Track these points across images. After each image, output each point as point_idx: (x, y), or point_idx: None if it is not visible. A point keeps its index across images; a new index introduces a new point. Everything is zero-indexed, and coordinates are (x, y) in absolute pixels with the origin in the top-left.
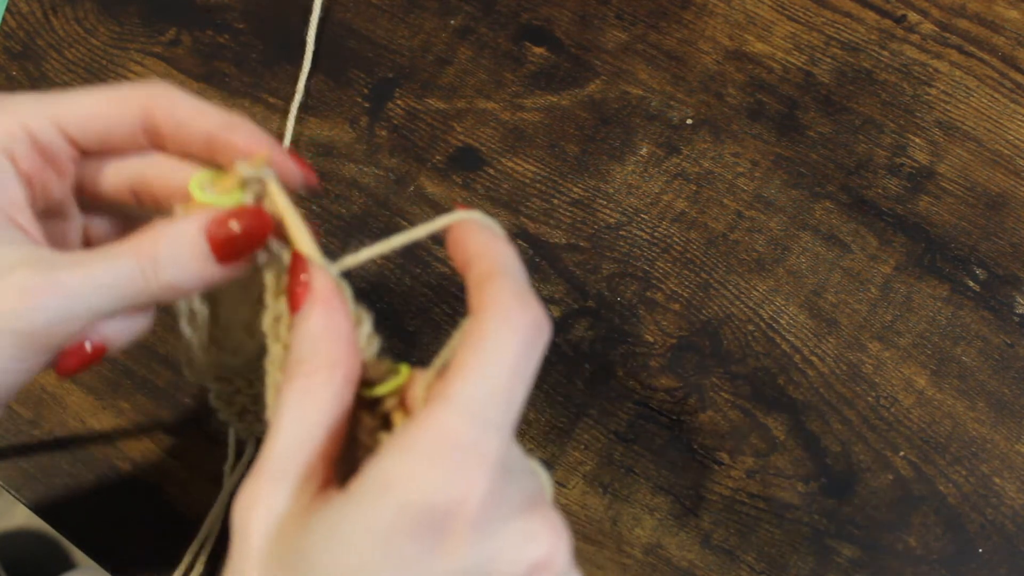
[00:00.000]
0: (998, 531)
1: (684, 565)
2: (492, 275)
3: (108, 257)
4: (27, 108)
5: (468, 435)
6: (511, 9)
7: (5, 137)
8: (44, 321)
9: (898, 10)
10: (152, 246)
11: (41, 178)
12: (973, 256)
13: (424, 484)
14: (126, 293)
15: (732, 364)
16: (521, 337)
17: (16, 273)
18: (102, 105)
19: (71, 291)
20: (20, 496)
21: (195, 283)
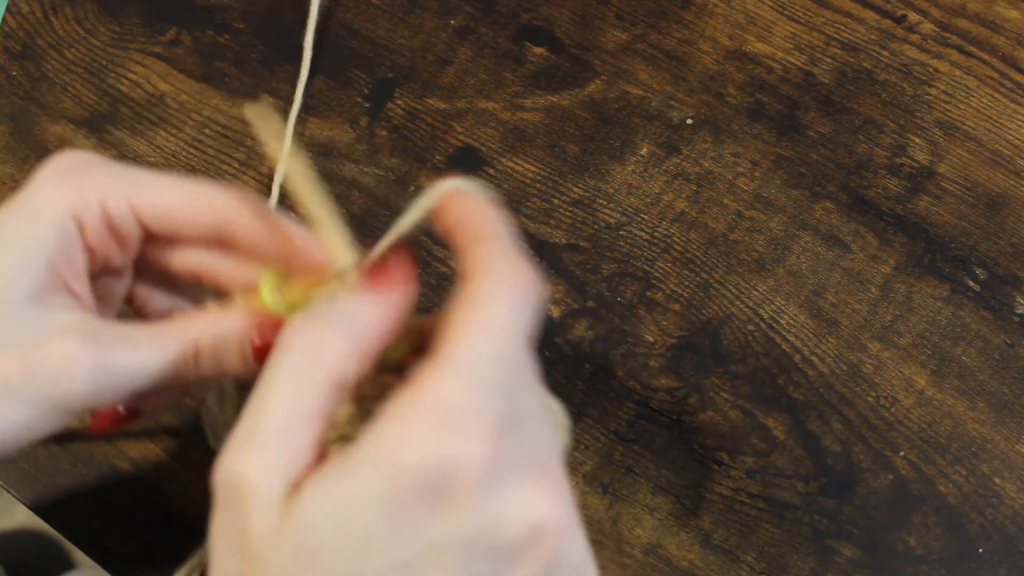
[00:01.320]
0: (998, 531)
1: (684, 565)
2: (479, 238)
3: (154, 340)
4: (107, 183)
5: (466, 396)
6: (511, 9)
7: (80, 206)
8: (79, 390)
9: (898, 10)
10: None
11: (104, 251)
12: (973, 256)
13: (423, 448)
14: (162, 376)
15: (732, 364)
16: (514, 296)
17: (65, 340)
18: (183, 200)
19: (113, 368)
20: (20, 496)
21: (231, 377)
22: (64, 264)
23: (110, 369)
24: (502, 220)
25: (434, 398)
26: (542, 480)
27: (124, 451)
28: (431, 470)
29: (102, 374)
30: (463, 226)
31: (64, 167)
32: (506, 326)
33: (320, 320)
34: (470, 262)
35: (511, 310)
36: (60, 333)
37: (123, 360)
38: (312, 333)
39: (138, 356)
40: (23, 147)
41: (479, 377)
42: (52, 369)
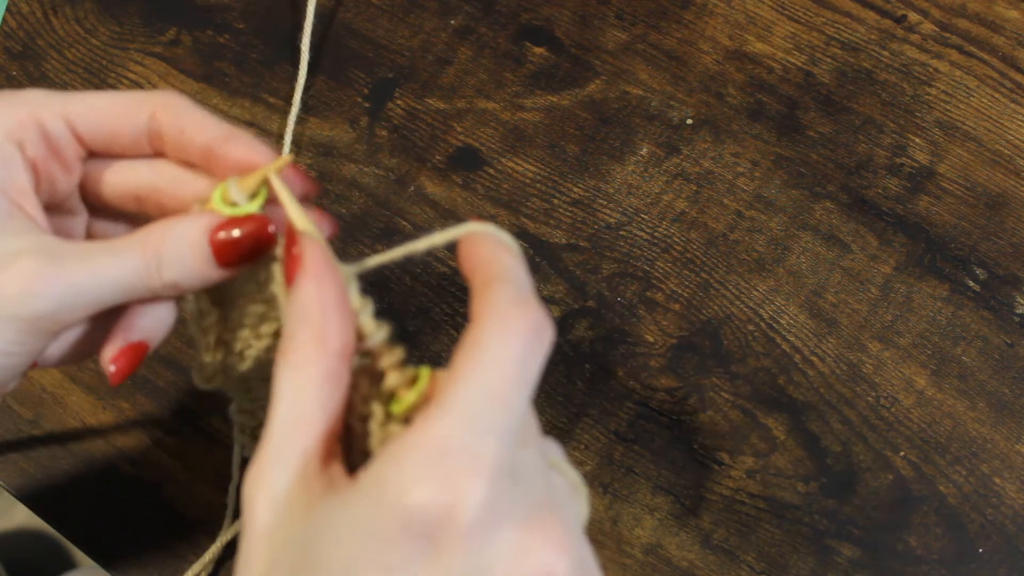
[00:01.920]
0: (998, 531)
1: (684, 565)
2: (492, 281)
3: (113, 251)
4: (39, 101)
5: (463, 441)
6: (511, 9)
7: (15, 126)
8: (47, 309)
9: (898, 10)
10: (157, 244)
11: (47, 170)
12: (973, 256)
13: (417, 490)
14: (129, 287)
15: (732, 364)
16: (519, 341)
17: (22, 260)
18: (112, 106)
19: (76, 282)
20: (20, 496)
21: (195, 283)
22: (11, 186)
23: (73, 283)
24: (521, 266)
25: (430, 440)
26: (539, 532)
27: (124, 451)
28: (425, 514)
29: (66, 289)
30: (480, 268)
31: None
32: (508, 370)
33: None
34: (479, 303)
35: (515, 356)
36: (18, 255)
37: (85, 273)
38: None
39: (99, 268)
40: None
41: (477, 422)
42: (15, 291)
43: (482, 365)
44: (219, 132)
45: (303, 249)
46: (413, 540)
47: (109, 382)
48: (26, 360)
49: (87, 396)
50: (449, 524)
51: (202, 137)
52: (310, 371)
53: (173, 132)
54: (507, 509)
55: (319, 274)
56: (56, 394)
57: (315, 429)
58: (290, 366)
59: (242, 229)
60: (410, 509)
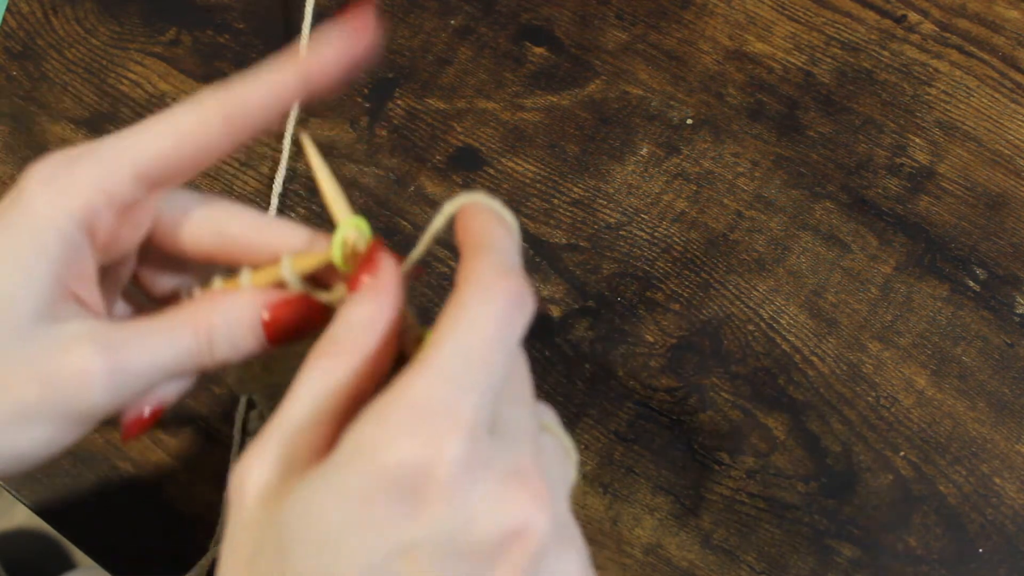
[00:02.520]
0: (998, 531)
1: (684, 565)
2: (478, 249)
3: (167, 333)
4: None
5: (441, 398)
6: (511, 9)
7: (86, 209)
8: (99, 402)
9: (898, 10)
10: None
11: (117, 237)
12: (973, 256)
13: (395, 447)
14: (179, 368)
15: (732, 364)
16: (498, 305)
17: (78, 351)
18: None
19: (129, 370)
20: (20, 496)
21: (242, 357)
22: (70, 275)
23: (126, 372)
24: (508, 235)
25: (409, 400)
26: (520, 485)
27: (124, 451)
28: (403, 470)
29: (119, 379)
30: (468, 238)
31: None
32: (487, 331)
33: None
34: (462, 272)
35: (493, 316)
36: (72, 345)
37: (138, 360)
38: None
39: (152, 352)
40: (23, 147)
41: (454, 380)
42: (69, 384)
43: (461, 326)
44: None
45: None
46: (393, 498)
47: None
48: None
49: None
50: (429, 479)
51: None
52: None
53: None
54: (487, 463)
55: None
56: None
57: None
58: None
59: (297, 312)
60: (387, 467)
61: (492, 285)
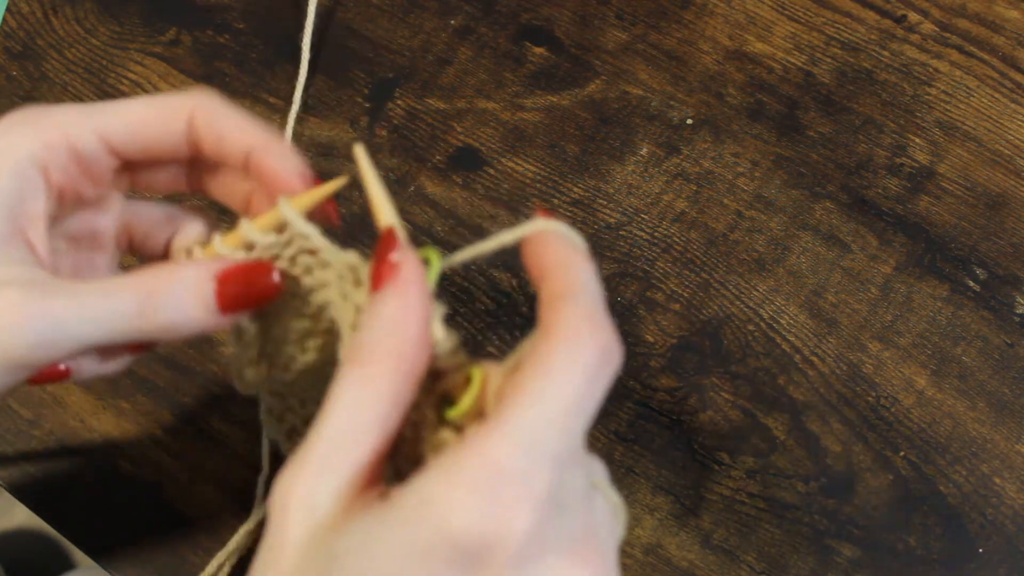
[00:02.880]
0: (998, 531)
1: (684, 565)
2: (565, 294)
3: (106, 290)
4: (70, 119)
5: (517, 466)
6: (511, 9)
7: (43, 149)
8: (25, 345)
9: (898, 10)
10: (154, 287)
11: (75, 188)
12: (973, 256)
13: (465, 511)
14: (118, 328)
15: (732, 364)
16: (587, 365)
17: (6, 293)
18: (147, 115)
19: (59, 319)
20: (20, 496)
21: (192, 329)
22: (20, 212)
23: (55, 320)
24: (593, 276)
25: (484, 461)
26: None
27: (125, 451)
28: (470, 537)
29: (48, 326)
30: (552, 275)
31: (21, 117)
32: (573, 397)
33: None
34: (551, 317)
35: (582, 380)
36: (5, 285)
37: (71, 311)
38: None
39: (85, 304)
40: None
41: (535, 446)
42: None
43: (547, 388)
44: (256, 140)
45: (403, 262)
46: (454, 562)
47: None
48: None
49: (87, 396)
50: (494, 550)
51: (240, 144)
52: (380, 387)
53: (211, 139)
54: (552, 538)
55: (411, 290)
56: (56, 394)
57: (370, 448)
58: (359, 377)
59: (248, 278)
60: (455, 530)
61: (583, 341)
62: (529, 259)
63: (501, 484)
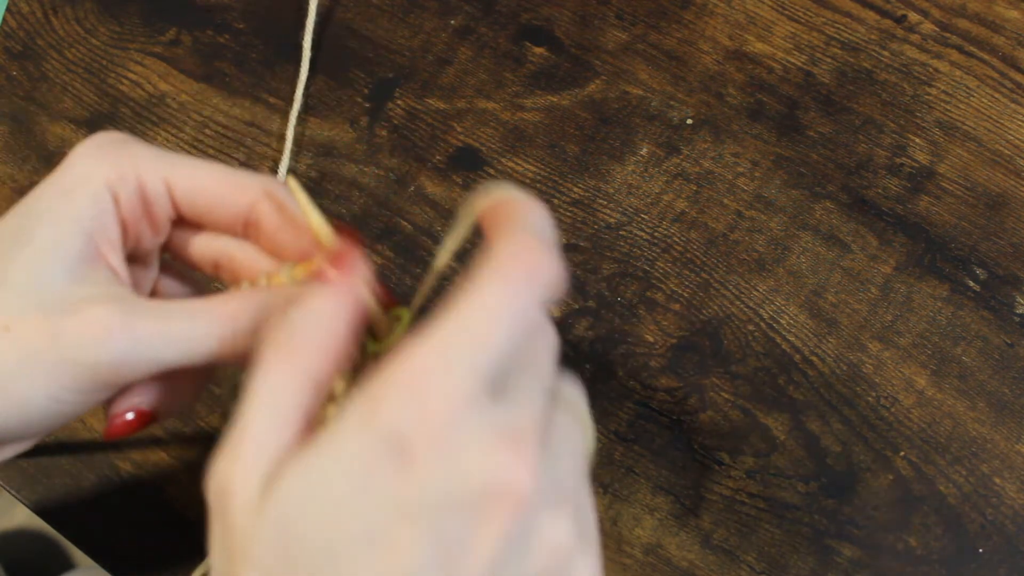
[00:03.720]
0: (998, 531)
1: (684, 565)
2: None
3: (188, 313)
4: (144, 156)
5: (435, 368)
6: (511, 9)
7: (117, 178)
8: (110, 360)
9: (898, 10)
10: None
11: (136, 228)
12: (973, 256)
13: (386, 412)
14: (198, 352)
15: (732, 364)
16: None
17: (97, 308)
18: (215, 184)
19: (145, 337)
20: (20, 496)
21: None
22: (101, 237)
23: (140, 338)
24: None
25: (405, 368)
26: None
27: (125, 452)
28: (396, 432)
29: (132, 343)
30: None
31: (103, 141)
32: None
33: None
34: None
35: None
36: (92, 301)
37: (154, 330)
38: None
39: (171, 327)
40: (23, 147)
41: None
42: (81, 335)
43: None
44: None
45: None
46: (387, 461)
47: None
48: (74, 412)
49: None
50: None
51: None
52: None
53: (271, 229)
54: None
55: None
56: None
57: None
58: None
59: None
60: (381, 431)
61: (504, 258)
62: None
63: (417, 381)
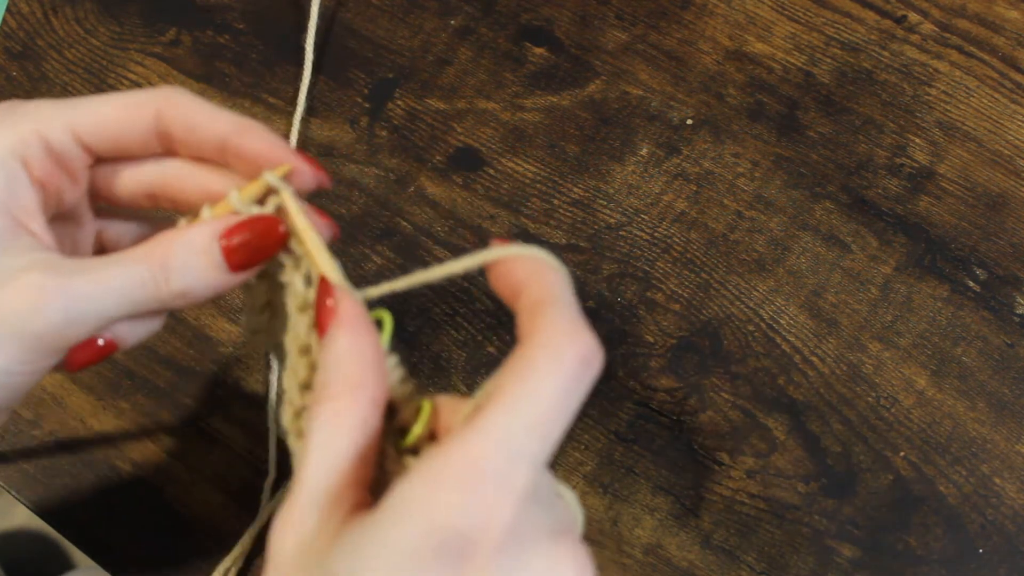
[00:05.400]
0: (998, 531)
1: (684, 565)
2: (543, 303)
3: (120, 263)
4: (42, 114)
5: (498, 465)
6: (511, 9)
7: (19, 143)
8: (53, 324)
9: (898, 10)
10: (164, 253)
11: (55, 184)
12: (973, 256)
13: (449, 509)
14: (137, 299)
15: (732, 364)
16: (568, 369)
17: (27, 276)
18: (116, 110)
19: (81, 295)
20: (20, 496)
21: (206, 291)
22: (15, 206)
23: (79, 297)
24: (568, 285)
25: (465, 461)
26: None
27: (125, 452)
28: (454, 531)
29: (72, 303)
30: (527, 288)
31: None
32: (553, 401)
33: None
34: (530, 326)
35: (562, 385)
36: (22, 271)
37: (91, 286)
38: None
39: (105, 280)
40: None
41: (514, 448)
42: (21, 306)
43: (528, 391)
44: (231, 125)
45: (339, 302)
46: (442, 559)
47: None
48: (31, 380)
49: (87, 396)
50: (481, 542)
51: (214, 132)
52: (346, 420)
53: (182, 130)
54: (532, 529)
55: (355, 325)
56: (56, 394)
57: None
58: (326, 414)
59: (253, 231)
60: (439, 526)
61: (563, 346)
62: (499, 281)
63: (482, 481)
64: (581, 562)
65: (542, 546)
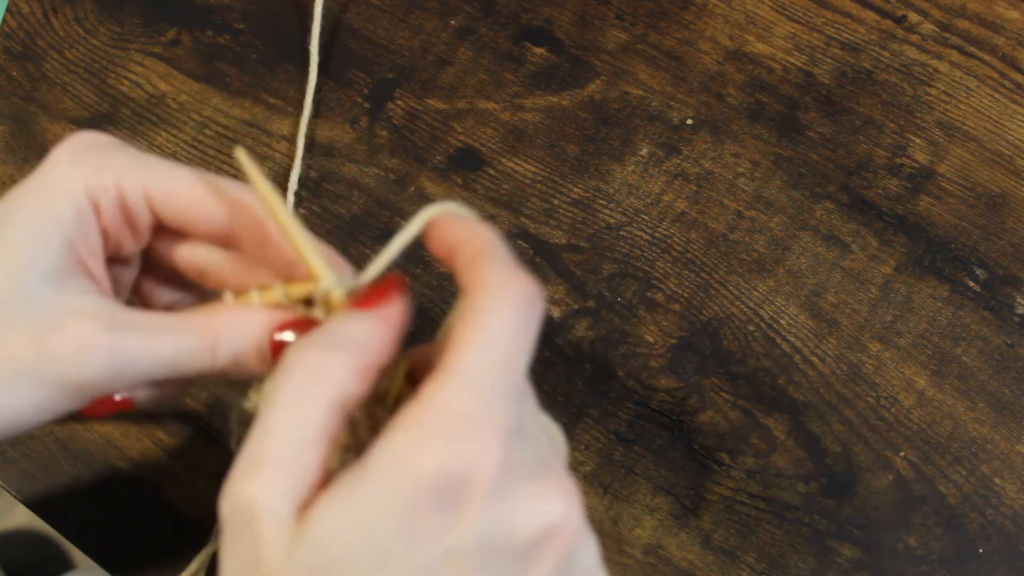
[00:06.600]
0: (998, 531)
1: (684, 565)
2: (480, 255)
3: (172, 330)
4: (123, 166)
5: (475, 406)
6: (511, 9)
7: (98, 188)
8: (94, 377)
9: (898, 10)
10: (217, 331)
11: (117, 235)
12: (973, 256)
13: (436, 456)
14: (180, 367)
15: (732, 364)
16: (517, 307)
17: (81, 323)
18: (197, 195)
19: (129, 355)
20: (20, 496)
21: (242, 374)
22: (82, 244)
23: (126, 355)
24: (499, 237)
25: (443, 408)
26: (552, 482)
27: (125, 451)
28: (444, 478)
29: (117, 360)
30: (462, 244)
31: (82, 146)
32: (510, 336)
33: (321, 342)
34: (472, 276)
35: (514, 321)
36: (77, 316)
37: (140, 347)
38: (314, 355)
39: (156, 344)
40: (23, 147)
41: (485, 386)
42: (67, 353)
43: (484, 333)
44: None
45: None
46: (435, 507)
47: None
48: (48, 419)
49: None
50: (472, 484)
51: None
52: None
53: (253, 243)
54: (520, 465)
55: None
56: None
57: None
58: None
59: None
60: (430, 475)
61: (506, 288)
62: (435, 243)
63: (463, 425)
64: (570, 492)
65: (530, 482)
